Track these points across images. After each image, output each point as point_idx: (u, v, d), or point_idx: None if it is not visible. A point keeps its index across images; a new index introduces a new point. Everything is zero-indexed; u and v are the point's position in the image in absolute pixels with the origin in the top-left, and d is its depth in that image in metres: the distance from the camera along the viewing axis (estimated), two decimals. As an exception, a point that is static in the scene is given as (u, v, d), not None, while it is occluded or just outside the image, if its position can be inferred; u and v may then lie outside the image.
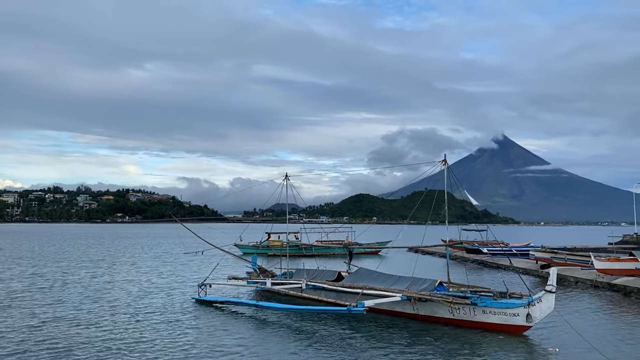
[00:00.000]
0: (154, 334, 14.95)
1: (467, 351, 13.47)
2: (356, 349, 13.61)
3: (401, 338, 14.77)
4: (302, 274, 21.70)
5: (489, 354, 13.28)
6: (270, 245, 46.57)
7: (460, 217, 64.97)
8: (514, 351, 13.52)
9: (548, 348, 13.73)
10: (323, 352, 13.27)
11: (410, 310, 16.90)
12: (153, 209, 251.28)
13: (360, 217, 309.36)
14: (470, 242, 48.12)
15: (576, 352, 13.32)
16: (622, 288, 23.95)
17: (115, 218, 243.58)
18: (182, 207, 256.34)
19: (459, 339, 14.64)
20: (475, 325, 15.68)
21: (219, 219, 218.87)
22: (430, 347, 13.76)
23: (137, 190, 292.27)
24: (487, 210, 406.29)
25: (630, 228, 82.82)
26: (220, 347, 13.63)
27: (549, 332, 15.45)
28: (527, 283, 25.40)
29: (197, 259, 37.63)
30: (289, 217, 28.26)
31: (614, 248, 43.83)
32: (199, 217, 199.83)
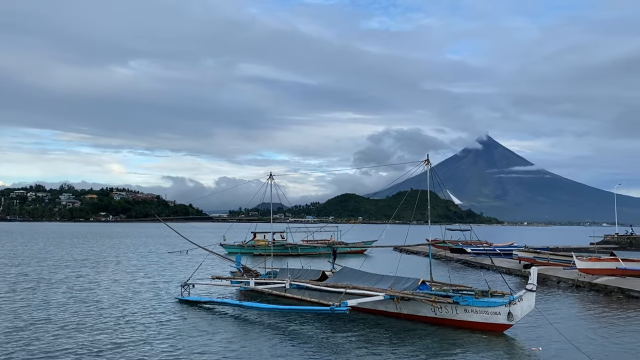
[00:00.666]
0: (135, 335, 14.83)
1: (449, 350, 13.57)
2: (339, 349, 13.63)
3: (384, 337, 14.83)
4: (286, 273, 21.66)
5: (471, 352, 13.39)
6: (256, 244, 46.38)
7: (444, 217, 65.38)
8: (496, 350, 13.66)
9: (532, 347, 13.85)
10: (306, 351, 13.28)
11: (393, 309, 16.98)
12: (137, 208, 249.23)
13: (346, 216, 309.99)
14: (455, 242, 48.40)
15: (558, 350, 13.47)
16: (603, 287, 24.27)
17: (99, 217, 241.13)
18: (167, 207, 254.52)
19: (441, 338, 14.76)
20: (458, 323, 15.81)
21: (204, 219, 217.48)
22: (413, 346, 13.84)
23: (121, 189, 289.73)
24: (471, 210, 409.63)
25: (612, 228, 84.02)
26: (202, 348, 13.56)
27: (531, 331, 15.61)
28: (510, 282, 25.68)
29: (182, 258, 37.37)
30: (275, 216, 28.16)
31: (595, 248, 44.34)
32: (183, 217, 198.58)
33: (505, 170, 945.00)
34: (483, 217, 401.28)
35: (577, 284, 26.01)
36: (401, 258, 39.22)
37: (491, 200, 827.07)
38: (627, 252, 45.84)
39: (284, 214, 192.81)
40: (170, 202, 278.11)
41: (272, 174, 25.87)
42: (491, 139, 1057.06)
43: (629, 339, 14.88)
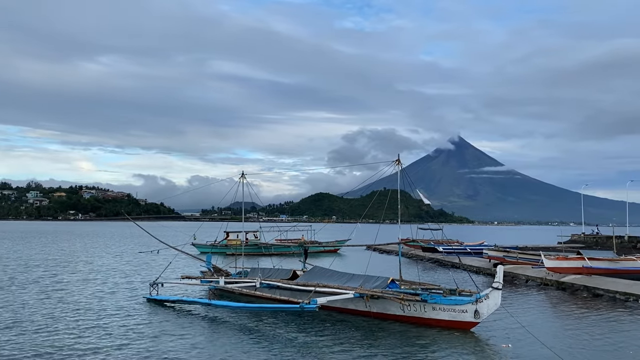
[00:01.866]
0: (101, 336, 14.52)
1: (417, 347, 13.65)
2: (309, 346, 13.60)
3: (353, 335, 14.86)
4: (257, 272, 21.54)
5: (439, 350, 13.51)
6: (229, 244, 45.94)
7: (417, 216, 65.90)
8: (464, 347, 13.79)
9: (501, 344, 14.00)
10: (275, 350, 13.21)
11: (363, 307, 17.03)
12: (107, 207, 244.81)
13: (320, 216, 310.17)
14: (426, 241, 48.87)
15: (525, 347, 13.65)
16: (569, 286, 24.79)
17: (68, 216, 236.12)
18: (138, 205, 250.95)
19: (409, 336, 14.85)
20: (426, 321, 15.96)
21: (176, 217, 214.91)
22: (382, 344, 13.89)
23: (91, 187, 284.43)
24: (443, 210, 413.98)
25: (578, 228, 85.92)
26: (170, 348, 13.36)
27: (499, 328, 15.79)
28: (480, 281, 26.05)
29: (153, 258, 36.81)
30: (248, 215, 27.95)
31: (562, 247, 45.24)
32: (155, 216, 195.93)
33: (476, 171, 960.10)
34: (455, 216, 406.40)
35: (544, 282, 26.50)
36: (374, 257, 39.49)
37: (463, 200, 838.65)
38: (593, 251, 46.91)
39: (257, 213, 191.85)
40: (141, 200, 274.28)
41: (244, 173, 25.70)
42: (463, 140, 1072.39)
43: (594, 336, 15.20)
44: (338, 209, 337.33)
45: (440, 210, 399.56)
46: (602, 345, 14.15)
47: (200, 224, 53.43)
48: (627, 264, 27.06)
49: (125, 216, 39.45)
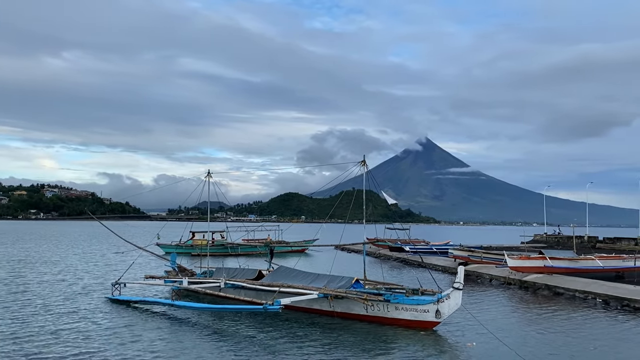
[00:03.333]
0: (59, 339, 14.07)
1: (380, 347, 13.71)
2: (272, 347, 13.47)
3: (317, 335, 14.81)
4: (222, 272, 21.27)
5: (402, 349, 13.56)
6: (195, 244, 45.29)
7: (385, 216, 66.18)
8: (429, 347, 13.88)
9: (466, 343, 14.14)
10: (238, 351, 13.04)
11: (327, 307, 17.00)
12: (70, 206, 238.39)
13: (289, 215, 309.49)
14: (393, 241, 49.24)
15: (489, 345, 13.82)
16: (531, 284, 25.32)
17: (29, 215, 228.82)
18: (102, 204, 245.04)
19: (372, 335, 14.90)
20: (388, 321, 16.04)
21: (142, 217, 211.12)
22: (344, 344, 13.88)
23: (53, 186, 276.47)
24: (410, 210, 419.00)
25: (541, 228, 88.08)
26: (131, 349, 13.04)
27: (465, 327, 15.95)
28: (446, 280, 26.32)
29: (116, 258, 36.04)
30: (216, 215, 27.62)
31: (525, 247, 46.17)
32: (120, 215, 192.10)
33: (443, 172, 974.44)
34: (422, 216, 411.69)
35: (508, 281, 27.00)
36: (341, 257, 39.63)
37: (429, 200, 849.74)
38: (555, 250, 48.00)
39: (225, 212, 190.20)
40: (106, 199, 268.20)
41: (211, 172, 25.34)
42: (430, 141, 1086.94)
43: (555, 334, 15.53)
44: (307, 208, 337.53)
45: (407, 210, 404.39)
46: (563, 342, 14.45)
47: (164, 224, 52.53)
48: (586, 264, 27.76)
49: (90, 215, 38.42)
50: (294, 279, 19.11)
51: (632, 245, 51.36)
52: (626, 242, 55.01)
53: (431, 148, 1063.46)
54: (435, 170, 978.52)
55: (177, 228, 51.73)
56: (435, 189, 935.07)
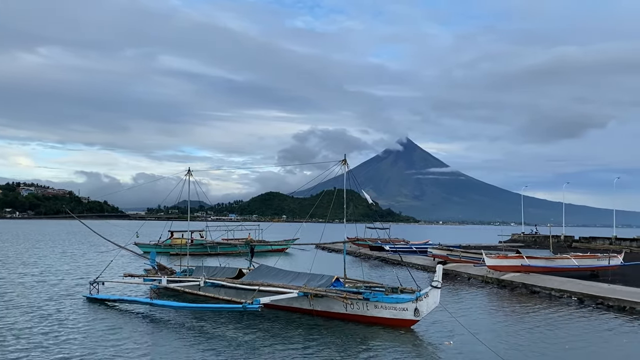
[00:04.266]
0: (35, 337, 13.87)
1: (359, 345, 13.79)
2: (251, 346, 13.46)
3: (296, 334, 14.84)
4: (202, 271, 21.15)
5: (381, 347, 13.66)
6: (173, 244, 44.90)
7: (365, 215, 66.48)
8: (407, 345, 14.02)
9: (444, 341, 14.28)
10: (217, 349, 13.01)
11: (307, 306, 17.04)
12: (47, 205, 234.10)
13: (269, 215, 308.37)
14: (374, 240, 49.50)
15: (467, 343, 13.99)
16: (509, 283, 25.70)
17: (4, 214, 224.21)
18: (80, 203, 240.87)
19: (351, 334, 14.98)
20: (368, 319, 16.13)
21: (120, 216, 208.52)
22: (324, 342, 13.93)
23: (29, 184, 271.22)
24: (390, 210, 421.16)
25: (519, 227, 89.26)
26: (109, 348, 12.91)
27: (443, 326, 16.10)
28: (426, 279, 26.56)
29: (95, 256, 35.56)
30: (196, 214, 27.39)
31: (503, 246, 46.63)
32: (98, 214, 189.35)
33: (423, 172, 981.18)
34: (402, 216, 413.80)
35: (486, 280, 27.36)
36: (322, 256, 39.68)
37: (410, 200, 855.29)
38: (532, 249, 48.58)
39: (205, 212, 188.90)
40: (83, 198, 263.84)
41: (191, 170, 25.16)
42: (410, 141, 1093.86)
43: (531, 331, 15.80)
44: (288, 208, 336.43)
45: (388, 209, 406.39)
46: (539, 340, 14.71)
47: (143, 223, 52.00)
48: (562, 262, 28.26)
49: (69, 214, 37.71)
50: (274, 277, 19.11)
51: (607, 244, 52.41)
52: (601, 241, 56.12)
53: (412, 148, 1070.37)
54: (416, 170, 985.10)
55: (156, 227, 51.18)
56: (415, 189, 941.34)
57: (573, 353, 13.54)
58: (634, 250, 47.76)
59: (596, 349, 14.05)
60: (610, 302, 19.79)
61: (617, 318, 17.93)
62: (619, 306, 19.32)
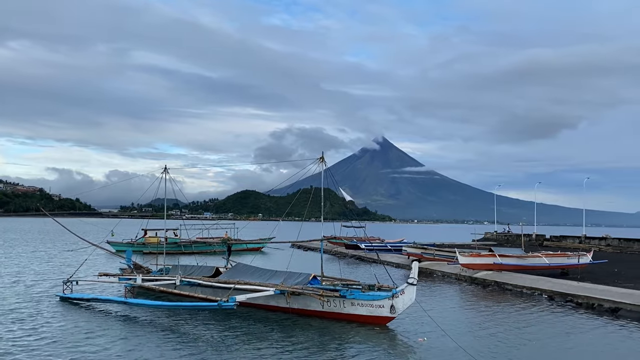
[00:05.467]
0: (6, 338, 13.65)
1: (335, 342, 13.91)
2: (227, 344, 13.46)
3: (273, 332, 14.88)
4: (178, 270, 21.00)
5: (357, 344, 13.82)
6: (147, 242, 44.38)
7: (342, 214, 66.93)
8: (382, 341, 14.19)
9: (417, 338, 14.47)
10: (193, 348, 12.98)
11: (284, 304, 17.08)
12: (17, 202, 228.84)
13: (245, 213, 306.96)
14: (349, 238, 49.74)
15: (439, 340, 14.21)
16: (481, 281, 26.18)
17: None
18: (51, 201, 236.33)
19: (328, 331, 15.09)
20: (345, 317, 16.26)
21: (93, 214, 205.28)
22: (300, 340, 14.01)
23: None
24: (367, 208, 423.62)
25: (492, 226, 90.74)
26: (83, 349, 12.78)
27: (417, 323, 16.31)
28: (400, 276, 26.86)
29: (69, 255, 34.94)
30: (170, 212, 27.12)
31: (476, 244, 47.50)
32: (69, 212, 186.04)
33: (398, 171, 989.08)
34: (378, 214, 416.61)
35: (459, 277, 27.81)
36: (298, 254, 39.77)
37: (386, 199, 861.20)
38: (504, 248, 49.62)
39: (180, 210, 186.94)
40: (55, 195, 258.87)
41: (167, 168, 24.94)
42: (387, 140, 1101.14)
43: (502, 329, 16.12)
44: (264, 206, 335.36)
45: (364, 208, 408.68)
46: (509, 336, 15.04)
47: (118, 221, 51.33)
48: (534, 261, 28.87)
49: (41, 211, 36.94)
50: (251, 275, 19.12)
51: (577, 243, 53.68)
52: (571, 240, 57.43)
53: (388, 147, 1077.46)
54: (392, 169, 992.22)
55: (129, 225, 50.63)
56: (391, 188, 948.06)
57: (541, 349, 13.88)
58: (603, 249, 49.07)
59: (564, 344, 14.43)
60: (579, 300, 20.35)
61: (585, 315, 18.44)
62: (587, 303, 19.87)
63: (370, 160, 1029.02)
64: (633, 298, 19.13)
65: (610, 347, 14.30)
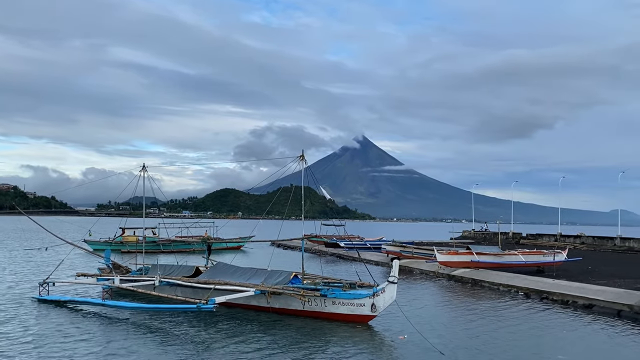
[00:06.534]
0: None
1: (316, 342, 13.95)
2: (206, 346, 13.40)
3: (253, 332, 14.84)
4: (157, 270, 20.82)
5: (338, 343, 13.88)
6: (125, 241, 43.88)
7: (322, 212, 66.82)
8: (363, 340, 14.28)
9: (398, 336, 14.58)
10: (172, 351, 12.88)
11: (264, 304, 17.07)
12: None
13: (225, 212, 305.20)
14: (329, 237, 49.91)
15: (418, 338, 14.36)
16: (459, 279, 26.53)
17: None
18: (26, 199, 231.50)
19: (309, 330, 15.13)
20: (326, 316, 16.30)
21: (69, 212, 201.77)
22: (281, 340, 14.01)
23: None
24: (347, 207, 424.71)
25: (469, 225, 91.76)
26: (59, 353, 12.59)
27: (397, 321, 16.37)
28: (379, 274, 27.03)
29: (42, 255, 34.31)
30: (148, 211, 26.84)
31: (454, 242, 47.98)
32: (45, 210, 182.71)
33: (378, 169, 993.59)
34: (358, 213, 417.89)
35: (437, 275, 28.13)
36: (278, 253, 39.66)
37: (365, 197, 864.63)
38: (481, 246, 50.24)
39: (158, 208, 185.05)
40: (29, 193, 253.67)
41: (146, 166, 24.71)
42: (367, 139, 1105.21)
43: (477, 325, 16.40)
44: (244, 205, 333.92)
45: (344, 207, 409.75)
46: (486, 333, 15.28)
47: (96, 219, 50.57)
48: (510, 258, 29.33)
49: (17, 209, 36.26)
50: (232, 275, 19.02)
51: (552, 241, 54.69)
52: (547, 238, 58.50)
53: (368, 146, 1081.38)
54: (372, 168, 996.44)
55: (107, 224, 49.97)
56: (371, 186, 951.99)
57: (516, 344, 14.18)
58: (577, 247, 50.08)
59: (538, 339, 14.74)
60: (555, 297, 20.77)
61: (559, 311, 18.84)
62: (562, 300, 20.31)
63: (350, 158, 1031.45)
64: (606, 295, 19.60)
65: (584, 340, 14.67)
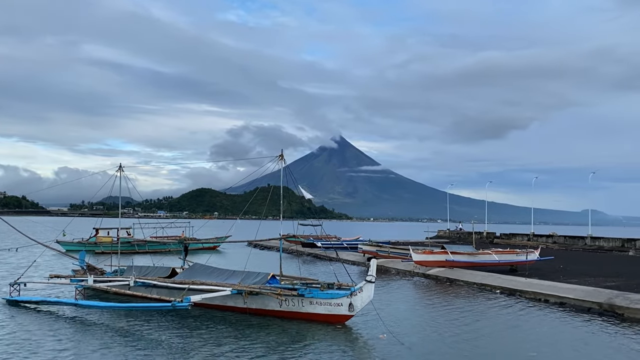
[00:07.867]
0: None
1: (293, 342, 13.94)
2: (181, 346, 13.31)
3: (229, 332, 14.78)
4: (132, 271, 20.62)
5: (315, 343, 13.92)
6: (99, 242, 43.25)
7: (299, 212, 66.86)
8: (341, 339, 14.34)
9: (378, 335, 14.64)
10: (146, 351, 12.78)
11: (241, 304, 16.98)
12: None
13: (201, 212, 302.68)
14: (306, 237, 49.92)
15: (396, 336, 14.53)
16: (434, 278, 26.87)
17: None
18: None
19: (286, 330, 15.11)
20: (303, 316, 16.29)
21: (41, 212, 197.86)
22: (257, 340, 13.97)
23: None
24: (324, 207, 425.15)
25: (445, 224, 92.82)
26: (30, 354, 12.39)
27: (375, 319, 16.38)
28: (356, 273, 27.23)
29: (14, 257, 33.55)
30: (123, 211, 26.57)
31: (429, 242, 48.43)
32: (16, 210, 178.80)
33: (355, 169, 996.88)
34: (335, 213, 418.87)
35: (412, 274, 28.44)
36: (255, 253, 39.61)
37: (343, 197, 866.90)
38: (456, 245, 50.82)
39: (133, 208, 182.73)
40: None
41: (122, 165, 24.48)
42: (344, 139, 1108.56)
43: (451, 322, 16.61)
44: (220, 205, 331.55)
45: (321, 206, 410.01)
46: (460, 331, 15.50)
47: (70, 220, 49.73)
48: (484, 258, 29.75)
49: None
50: (209, 276, 18.89)
51: (525, 240, 55.71)
52: (520, 237, 59.54)
53: (345, 146, 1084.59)
54: (349, 168, 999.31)
55: (80, 224, 49.20)
56: (348, 186, 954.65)
57: (490, 341, 14.47)
58: (550, 246, 51.12)
59: (511, 337, 15.09)
60: (527, 295, 21.21)
61: (532, 309, 19.23)
62: (534, 298, 20.75)
63: (328, 158, 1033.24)
64: (576, 293, 20.08)
65: (554, 337, 15.00)
